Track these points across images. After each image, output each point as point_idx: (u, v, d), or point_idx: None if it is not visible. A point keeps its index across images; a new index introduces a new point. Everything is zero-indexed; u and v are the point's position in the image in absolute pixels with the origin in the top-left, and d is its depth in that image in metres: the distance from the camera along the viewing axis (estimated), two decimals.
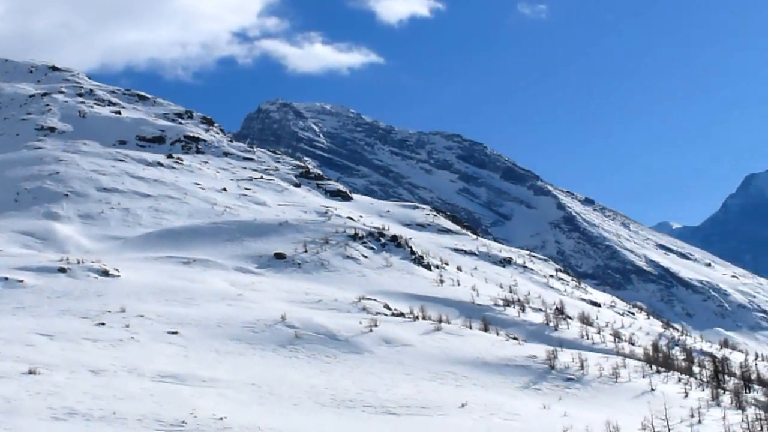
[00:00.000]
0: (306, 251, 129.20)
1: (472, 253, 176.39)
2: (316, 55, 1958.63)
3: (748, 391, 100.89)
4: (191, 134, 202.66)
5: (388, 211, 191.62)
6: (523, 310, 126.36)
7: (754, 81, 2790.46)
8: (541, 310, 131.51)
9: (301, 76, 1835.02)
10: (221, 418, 48.96)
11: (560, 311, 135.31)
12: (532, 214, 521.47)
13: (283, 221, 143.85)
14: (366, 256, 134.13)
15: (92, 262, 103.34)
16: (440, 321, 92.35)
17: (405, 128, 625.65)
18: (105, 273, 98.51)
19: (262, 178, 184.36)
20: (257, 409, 53.84)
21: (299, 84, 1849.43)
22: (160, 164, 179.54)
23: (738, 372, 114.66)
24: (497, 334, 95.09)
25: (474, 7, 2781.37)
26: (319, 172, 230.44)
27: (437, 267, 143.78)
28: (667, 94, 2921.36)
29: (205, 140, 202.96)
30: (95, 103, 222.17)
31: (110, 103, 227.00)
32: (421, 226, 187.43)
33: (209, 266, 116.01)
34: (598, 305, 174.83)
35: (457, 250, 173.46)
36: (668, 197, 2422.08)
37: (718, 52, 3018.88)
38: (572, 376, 76.83)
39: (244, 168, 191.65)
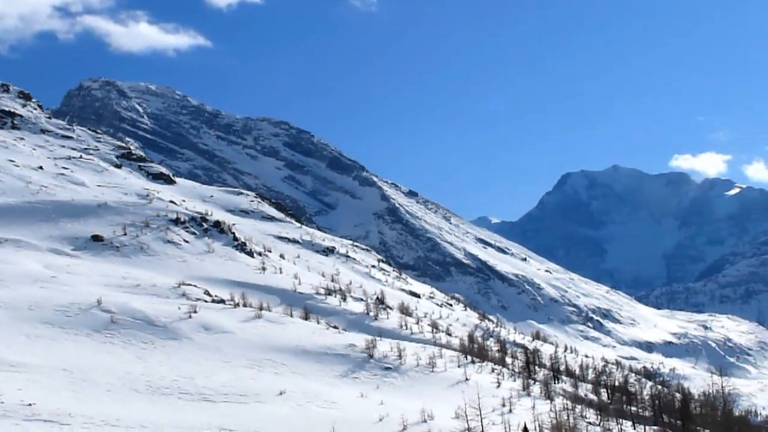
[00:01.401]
0: (125, 234, 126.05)
1: (295, 241, 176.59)
2: (141, 35, 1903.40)
3: (556, 381, 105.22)
4: (6, 109, 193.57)
5: (211, 196, 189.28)
6: (345, 300, 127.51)
7: (570, 83, 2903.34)
8: (362, 299, 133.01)
9: (125, 55, 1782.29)
10: (29, 404, 47.25)
11: (381, 301, 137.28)
12: (356, 204, 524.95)
13: (102, 203, 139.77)
14: (187, 241, 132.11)
15: None
16: (261, 308, 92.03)
17: (232, 113, 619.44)
18: None
19: (81, 157, 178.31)
20: (68, 396, 52.24)
21: (123, 63, 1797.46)
22: None
23: (548, 363, 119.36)
24: (318, 323, 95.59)
25: None
26: (142, 153, 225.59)
27: (260, 254, 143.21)
28: (488, 93, 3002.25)
29: (21, 115, 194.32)
30: None
31: None
32: (245, 213, 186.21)
33: (21, 247, 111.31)
34: (418, 296, 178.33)
35: (280, 238, 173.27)
36: (488, 193, 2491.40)
37: (537, 53, 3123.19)
38: (390, 365, 78.04)
39: (63, 146, 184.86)
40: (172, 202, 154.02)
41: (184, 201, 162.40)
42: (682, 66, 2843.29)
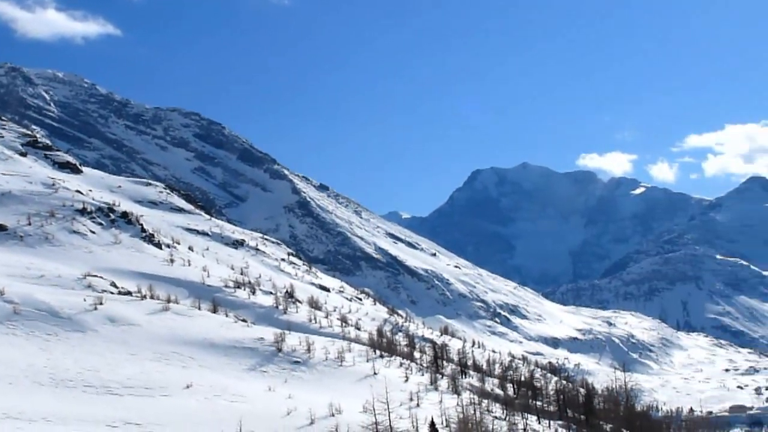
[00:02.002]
0: (30, 224, 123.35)
1: (205, 234, 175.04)
2: (48, 21, 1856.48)
3: (464, 376, 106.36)
4: None
5: (119, 187, 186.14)
6: (254, 293, 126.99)
7: (480, 81, 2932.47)
8: (271, 293, 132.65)
9: (32, 41, 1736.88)
10: None
11: (290, 295, 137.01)
12: (267, 197, 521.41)
13: (6, 191, 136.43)
14: (94, 232, 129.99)
15: None
16: (169, 301, 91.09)
17: (142, 103, 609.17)
18: None
19: None
20: None
21: (29, 50, 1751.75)
22: None
23: (456, 358, 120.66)
24: (226, 316, 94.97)
25: None
26: (48, 142, 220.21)
27: (168, 246, 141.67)
28: (399, 88, 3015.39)
29: None
30: None
31: None
32: (154, 204, 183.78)
33: None
34: (328, 290, 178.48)
35: (189, 230, 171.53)
36: (399, 188, 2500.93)
37: (448, 49, 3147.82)
38: (299, 359, 77.99)
39: None
40: (78, 191, 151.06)
41: (91, 191, 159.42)
42: (589, 66, 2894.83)
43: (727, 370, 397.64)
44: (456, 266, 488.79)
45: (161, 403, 54.30)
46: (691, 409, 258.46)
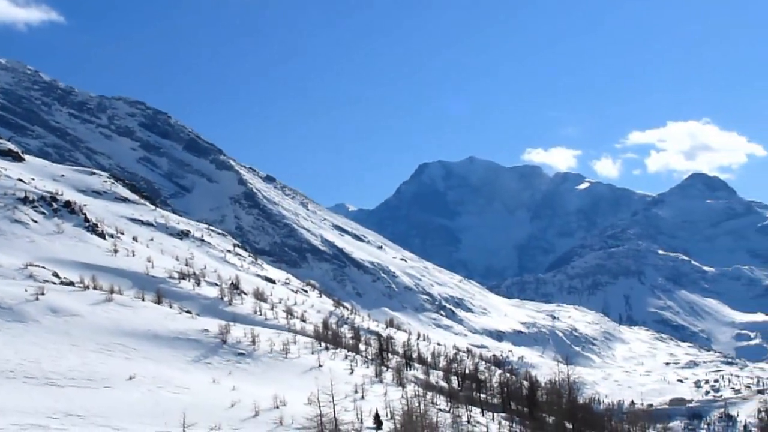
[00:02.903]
0: None
1: (149, 224, 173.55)
2: None
3: (409, 368, 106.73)
4: None
5: (63, 176, 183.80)
6: (199, 284, 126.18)
7: (427, 75, 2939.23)
8: (216, 284, 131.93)
9: None
10: None
11: (236, 286, 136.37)
12: (213, 188, 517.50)
13: None
14: (36, 221, 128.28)
15: None
16: (112, 291, 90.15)
17: (86, 91, 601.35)
18: None
19: None
20: None
21: None
22: None
23: (401, 351, 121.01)
24: (171, 307, 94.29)
25: None
26: None
27: (112, 236, 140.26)
28: (348, 80, 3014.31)
29: None
30: None
31: None
32: (98, 194, 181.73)
33: None
34: (273, 282, 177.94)
35: (134, 220, 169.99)
36: (346, 180, 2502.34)
37: (397, 42, 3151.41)
38: (243, 351, 77.65)
39: None
40: (20, 180, 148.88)
41: (33, 179, 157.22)
42: (534, 61, 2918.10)
43: (667, 364, 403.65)
44: (402, 259, 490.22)
45: (104, 395, 53.71)
46: (632, 402, 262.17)
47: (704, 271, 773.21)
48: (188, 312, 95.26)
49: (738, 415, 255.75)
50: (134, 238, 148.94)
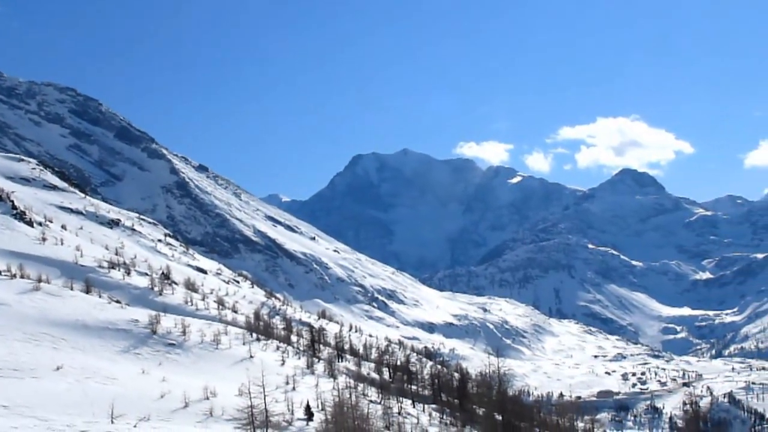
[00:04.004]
0: None
1: (79, 212, 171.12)
2: None
3: (341, 360, 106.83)
4: None
5: None
6: (129, 274, 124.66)
7: (360, 68, 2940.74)
8: (147, 274, 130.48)
9: None
10: None
11: (166, 276, 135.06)
12: (144, 176, 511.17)
13: None
14: None
15: None
16: (40, 280, 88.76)
17: (15, 76, 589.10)
18: None
19: None
20: None
21: None
22: None
23: (333, 342, 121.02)
24: (100, 297, 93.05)
25: None
26: None
27: (41, 224, 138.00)
28: (282, 69, 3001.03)
29: None
30: None
31: None
32: (26, 181, 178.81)
33: None
34: (205, 272, 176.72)
35: (63, 208, 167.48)
36: (280, 171, 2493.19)
37: (333, 35, 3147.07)
38: (174, 342, 76.96)
39: None
40: None
41: None
42: (466, 56, 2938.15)
43: (596, 357, 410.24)
44: (335, 250, 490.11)
45: (30, 385, 52.79)
46: (561, 394, 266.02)
47: (633, 266, 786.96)
48: (118, 302, 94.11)
49: (664, 408, 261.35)
50: (63, 227, 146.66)
